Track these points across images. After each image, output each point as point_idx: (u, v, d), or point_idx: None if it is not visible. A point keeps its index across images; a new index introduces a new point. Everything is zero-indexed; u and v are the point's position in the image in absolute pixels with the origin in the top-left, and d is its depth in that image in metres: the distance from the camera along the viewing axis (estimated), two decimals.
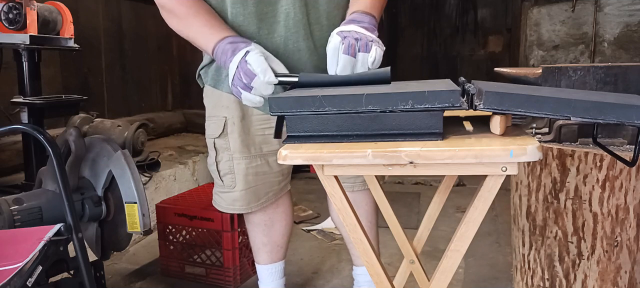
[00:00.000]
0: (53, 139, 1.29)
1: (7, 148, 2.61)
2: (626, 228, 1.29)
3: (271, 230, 1.53)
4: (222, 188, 1.46)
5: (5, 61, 2.35)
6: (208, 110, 1.45)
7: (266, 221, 1.52)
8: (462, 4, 6.35)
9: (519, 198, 1.49)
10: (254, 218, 1.51)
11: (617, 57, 4.15)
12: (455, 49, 6.50)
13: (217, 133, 1.40)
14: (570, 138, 1.42)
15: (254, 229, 1.54)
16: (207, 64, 1.40)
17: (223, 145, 1.41)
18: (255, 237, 1.55)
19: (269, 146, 1.42)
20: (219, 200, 1.49)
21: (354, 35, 1.09)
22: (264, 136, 1.41)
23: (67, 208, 1.22)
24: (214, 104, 1.41)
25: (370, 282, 1.60)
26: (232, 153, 1.40)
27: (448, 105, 0.79)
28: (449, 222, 2.41)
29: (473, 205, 0.80)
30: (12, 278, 1.04)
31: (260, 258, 1.58)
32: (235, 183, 1.43)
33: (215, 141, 1.42)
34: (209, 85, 1.41)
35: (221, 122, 1.39)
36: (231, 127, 1.39)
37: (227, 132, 1.39)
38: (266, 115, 1.38)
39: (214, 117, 1.41)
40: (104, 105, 3.39)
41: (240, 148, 1.40)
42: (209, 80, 1.41)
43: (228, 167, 1.42)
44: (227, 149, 1.41)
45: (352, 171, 0.82)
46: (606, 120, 0.74)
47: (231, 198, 1.45)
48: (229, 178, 1.43)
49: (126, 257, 2.22)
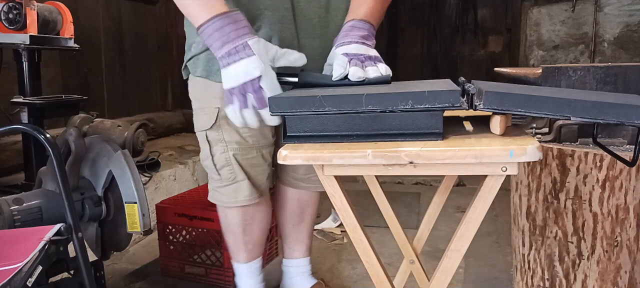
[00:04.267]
0: (53, 139, 1.29)
1: (7, 148, 2.61)
2: (626, 228, 1.29)
3: (252, 227, 1.51)
4: (221, 182, 1.42)
5: (5, 61, 2.35)
6: (197, 102, 1.40)
7: (247, 218, 1.49)
8: (462, 4, 6.35)
9: (519, 198, 1.49)
10: (235, 214, 1.48)
11: (617, 57, 4.16)
12: (455, 49, 6.49)
13: (208, 124, 1.36)
14: (570, 138, 1.42)
15: (233, 225, 1.51)
16: (197, 54, 1.35)
17: (216, 137, 1.37)
18: (237, 235, 1.52)
19: (255, 138, 1.39)
20: (218, 196, 1.45)
21: (361, 58, 1.08)
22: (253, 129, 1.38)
23: (67, 208, 1.22)
24: (205, 95, 1.37)
25: (301, 273, 1.70)
26: (228, 144, 1.37)
27: (448, 105, 0.79)
28: (449, 222, 2.41)
29: (473, 205, 0.80)
30: (12, 278, 1.04)
31: (240, 257, 1.56)
32: (235, 174, 1.39)
33: (207, 133, 1.38)
34: (199, 76, 1.36)
35: (213, 113, 1.35)
36: (225, 118, 1.31)
37: (220, 123, 1.36)
38: None
39: (205, 109, 1.37)
40: (104, 105, 3.39)
41: (235, 139, 1.37)
42: (199, 71, 1.36)
43: (224, 159, 1.39)
44: (221, 141, 1.37)
45: (352, 171, 0.82)
46: (606, 120, 0.74)
47: (233, 190, 1.41)
48: (227, 170, 1.39)
49: (126, 257, 2.22)
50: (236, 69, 1.04)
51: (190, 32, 1.37)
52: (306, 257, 1.71)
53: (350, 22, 1.18)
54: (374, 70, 1.05)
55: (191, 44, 1.37)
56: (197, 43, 1.34)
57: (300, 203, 1.63)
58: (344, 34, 1.17)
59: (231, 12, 1.08)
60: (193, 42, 1.36)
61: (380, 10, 1.23)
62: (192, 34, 1.36)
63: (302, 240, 1.68)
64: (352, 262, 2.12)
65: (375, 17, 1.21)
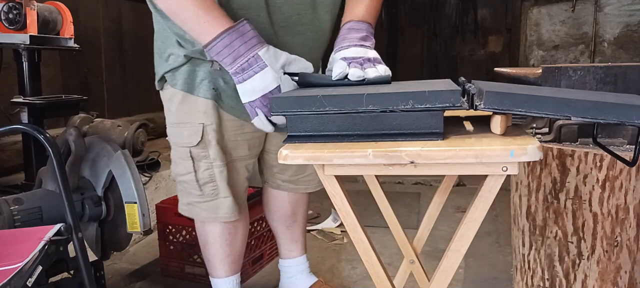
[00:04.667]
0: (53, 139, 1.29)
1: (7, 148, 2.61)
2: (626, 228, 1.29)
3: (235, 239, 1.49)
4: (202, 198, 1.38)
5: (5, 61, 2.35)
6: (177, 116, 1.35)
7: (230, 230, 1.47)
8: (462, 4, 6.35)
9: (519, 198, 1.49)
10: (217, 228, 1.45)
11: (617, 57, 4.16)
12: (455, 49, 6.49)
13: (194, 141, 1.32)
14: (570, 138, 1.42)
15: (216, 240, 1.47)
16: (176, 67, 1.30)
17: (201, 153, 1.34)
18: (218, 249, 1.48)
19: (237, 152, 1.38)
20: (197, 211, 1.42)
21: (359, 61, 1.07)
22: (236, 142, 1.37)
23: (67, 208, 1.22)
24: (188, 110, 1.32)
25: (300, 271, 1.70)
26: (213, 161, 1.34)
27: (448, 105, 0.79)
28: (449, 222, 2.41)
29: (473, 205, 0.80)
30: (12, 278, 1.04)
31: (220, 272, 1.52)
32: (218, 191, 1.36)
33: (191, 150, 1.34)
34: (181, 90, 1.31)
35: (198, 129, 1.31)
36: (211, 133, 1.31)
37: (207, 139, 1.32)
38: (240, 122, 1.34)
39: (188, 124, 1.32)
40: (104, 105, 3.39)
41: (220, 155, 1.34)
42: (179, 85, 1.31)
43: (208, 176, 1.35)
44: (206, 157, 1.34)
45: (353, 171, 0.82)
46: (606, 120, 0.74)
47: (214, 206, 1.38)
48: (210, 187, 1.36)
49: (126, 257, 2.22)
50: (252, 84, 1.06)
51: (167, 43, 1.32)
52: (303, 254, 1.71)
53: (348, 24, 1.17)
54: (373, 71, 1.05)
55: (169, 55, 1.31)
56: (176, 55, 1.29)
57: (291, 204, 1.63)
58: (342, 37, 1.16)
59: (238, 25, 1.08)
60: (171, 53, 1.30)
61: (377, 7, 1.23)
62: (168, 44, 1.31)
63: (297, 239, 1.68)
64: (352, 262, 2.12)
65: (372, 14, 1.20)
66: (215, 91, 1.30)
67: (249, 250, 1.97)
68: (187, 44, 1.27)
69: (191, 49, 1.27)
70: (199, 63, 1.29)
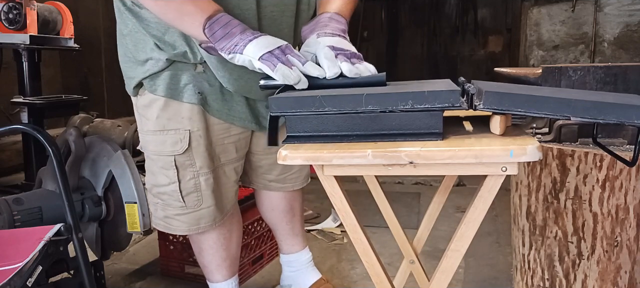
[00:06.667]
0: (53, 139, 1.29)
1: (7, 148, 2.61)
2: (626, 228, 1.29)
3: (230, 242, 1.47)
4: (183, 210, 1.32)
5: (5, 61, 2.35)
6: (158, 123, 1.27)
7: (225, 234, 1.44)
8: (462, 4, 6.35)
9: (519, 198, 1.49)
10: (212, 234, 1.41)
11: (617, 57, 4.16)
12: (455, 49, 6.50)
13: (179, 148, 1.26)
14: (570, 138, 1.42)
15: (212, 246, 1.43)
16: (156, 72, 1.24)
17: (186, 161, 1.27)
18: (215, 254, 1.45)
19: (226, 155, 1.34)
20: (177, 224, 1.34)
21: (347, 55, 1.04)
22: (224, 146, 1.33)
23: (67, 208, 1.22)
24: (170, 116, 1.25)
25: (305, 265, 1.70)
26: (199, 169, 1.28)
27: (448, 105, 0.79)
28: (449, 222, 2.41)
29: (473, 205, 0.80)
30: (12, 278, 1.04)
31: (219, 276, 1.49)
32: (201, 202, 1.31)
33: (176, 158, 1.27)
34: (162, 96, 1.25)
35: (184, 135, 1.25)
36: (197, 140, 1.26)
37: (192, 147, 1.26)
38: (227, 124, 1.30)
39: (172, 131, 1.26)
40: (104, 105, 3.39)
41: (207, 163, 1.29)
42: (160, 90, 1.25)
43: (193, 185, 1.29)
44: (191, 166, 1.28)
45: (352, 171, 0.82)
46: (606, 120, 0.74)
47: (195, 218, 1.33)
48: (193, 197, 1.31)
49: (126, 257, 2.22)
50: (257, 42, 1.01)
51: (141, 46, 1.25)
52: (305, 247, 1.71)
53: (329, 14, 1.14)
54: (364, 68, 1.02)
55: (146, 60, 1.25)
56: (155, 59, 1.23)
57: (288, 200, 1.62)
58: (323, 24, 1.12)
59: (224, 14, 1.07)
60: (149, 57, 1.24)
61: (351, 9, 1.21)
62: (144, 48, 1.25)
63: (298, 232, 1.68)
64: (352, 262, 2.12)
65: (347, 14, 1.18)
66: (200, 95, 1.25)
67: (249, 250, 1.97)
68: (167, 47, 1.22)
69: (172, 52, 1.21)
70: (181, 67, 1.25)
